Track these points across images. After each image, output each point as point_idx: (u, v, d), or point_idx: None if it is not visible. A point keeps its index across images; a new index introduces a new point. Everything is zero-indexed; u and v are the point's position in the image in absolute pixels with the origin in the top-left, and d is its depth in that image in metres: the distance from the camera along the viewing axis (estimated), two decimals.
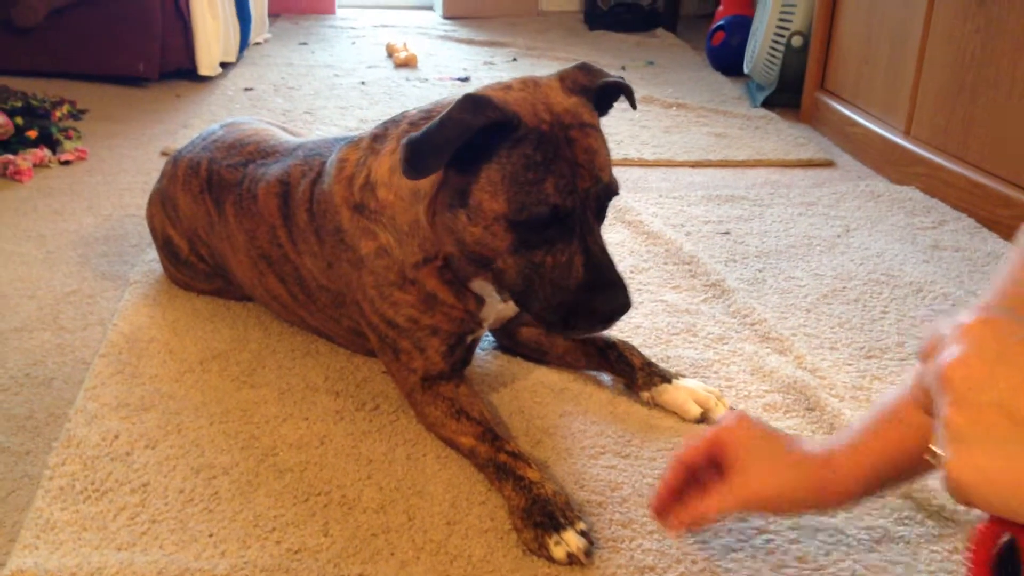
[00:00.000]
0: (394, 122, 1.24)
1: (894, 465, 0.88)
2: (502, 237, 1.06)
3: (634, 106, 1.23)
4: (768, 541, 1.05)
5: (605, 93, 1.15)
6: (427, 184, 1.13)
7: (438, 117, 1.03)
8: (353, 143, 1.28)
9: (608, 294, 1.05)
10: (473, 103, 1.02)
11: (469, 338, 1.26)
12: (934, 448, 0.53)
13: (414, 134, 1.02)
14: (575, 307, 1.06)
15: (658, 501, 0.99)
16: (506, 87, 1.09)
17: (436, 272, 1.19)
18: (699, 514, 0.93)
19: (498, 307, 1.26)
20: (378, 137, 1.24)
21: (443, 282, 1.19)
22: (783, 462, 0.91)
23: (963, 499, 0.50)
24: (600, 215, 1.10)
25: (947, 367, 0.51)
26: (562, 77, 1.13)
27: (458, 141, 1.01)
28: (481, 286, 1.20)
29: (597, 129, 1.10)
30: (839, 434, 0.93)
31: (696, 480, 0.97)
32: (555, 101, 1.07)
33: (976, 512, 0.53)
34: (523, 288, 1.09)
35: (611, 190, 1.09)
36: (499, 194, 1.04)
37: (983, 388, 0.49)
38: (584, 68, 1.15)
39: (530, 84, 1.10)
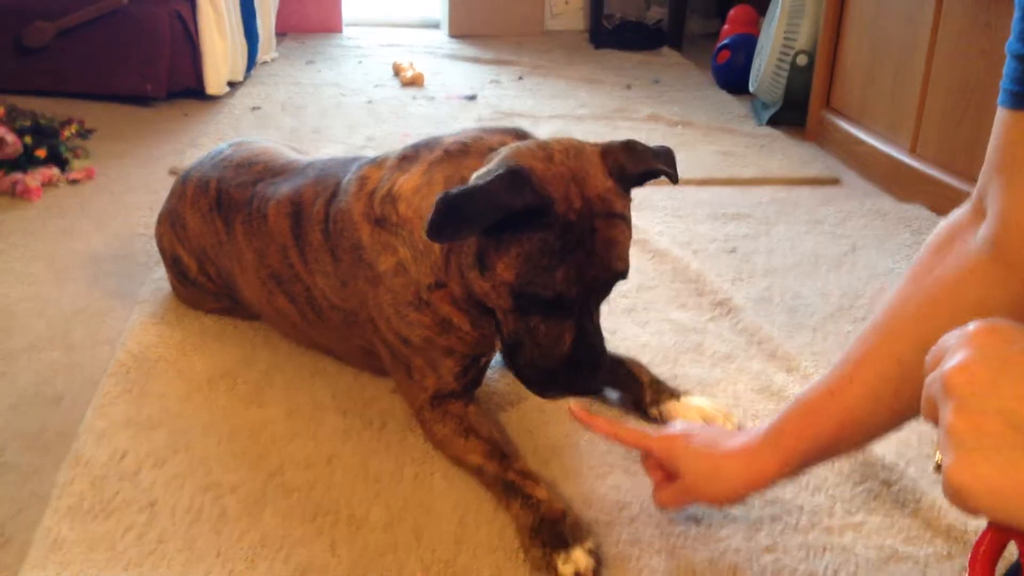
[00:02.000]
0: (427, 147, 1.23)
1: (816, 450, 0.95)
2: (505, 299, 1.09)
3: (675, 180, 1.18)
4: (776, 560, 1.05)
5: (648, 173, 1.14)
6: None
7: (475, 185, 1.02)
8: (376, 163, 1.29)
9: (586, 376, 1.09)
10: (513, 180, 1.01)
11: (483, 360, 1.27)
12: (937, 457, 0.53)
13: (450, 192, 1.01)
14: (554, 376, 1.10)
15: (575, 412, 1.14)
16: (548, 156, 1.07)
17: (449, 299, 1.19)
18: (662, 502, 1.08)
19: None
20: (407, 158, 1.24)
21: (457, 309, 1.20)
22: (718, 470, 1.01)
23: (963, 505, 0.50)
24: (604, 296, 1.12)
25: (951, 373, 0.51)
26: (605, 153, 1.10)
27: (490, 218, 1.01)
28: None
29: (624, 219, 1.09)
30: (768, 422, 0.99)
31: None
32: (591, 183, 1.06)
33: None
34: (513, 342, 1.12)
35: (621, 276, 1.10)
36: (511, 267, 1.05)
37: (987, 395, 0.49)
38: (629, 149, 1.11)
39: (572, 153, 1.08)
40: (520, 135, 1.20)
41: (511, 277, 1.06)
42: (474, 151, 1.16)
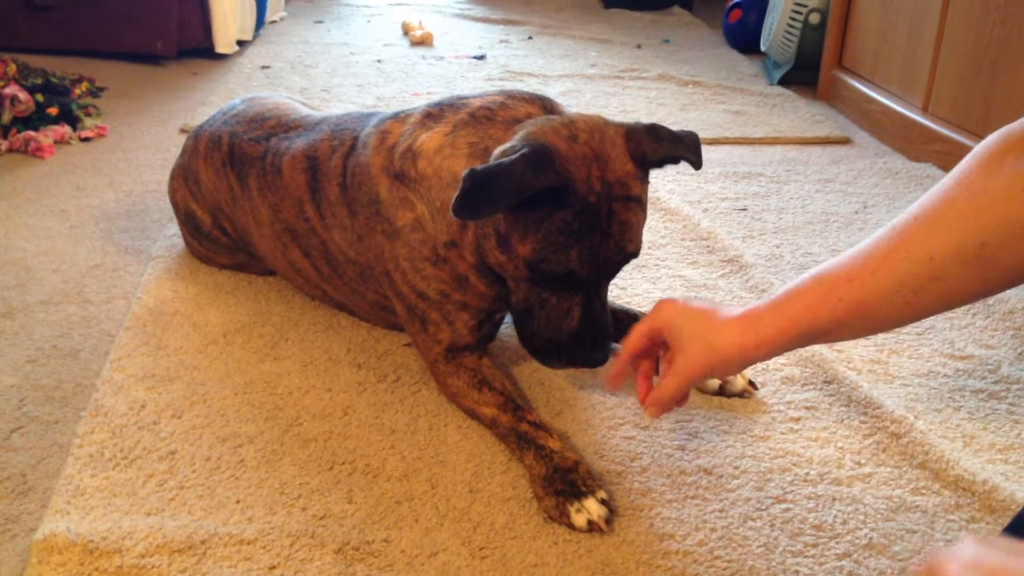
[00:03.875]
0: (452, 106, 1.23)
1: (817, 328, 0.94)
2: (520, 270, 1.11)
3: (697, 167, 1.17)
4: (786, 510, 1.06)
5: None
6: None
7: (500, 164, 1.02)
8: (398, 118, 1.29)
9: (591, 350, 1.13)
10: (537, 159, 1.03)
11: (497, 315, 1.28)
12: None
13: (476, 169, 1.02)
14: (559, 347, 1.13)
15: (610, 384, 1.13)
16: (572, 135, 1.08)
17: (465, 257, 1.20)
18: (660, 398, 1.04)
19: None
20: (432, 115, 1.24)
21: (473, 267, 1.21)
22: (714, 334, 0.98)
23: None
24: (614, 274, 1.15)
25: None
26: (629, 135, 1.11)
27: (515, 198, 1.02)
28: None
29: (640, 203, 1.11)
30: (768, 296, 0.98)
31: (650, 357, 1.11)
32: (612, 166, 1.08)
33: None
34: (522, 311, 1.15)
35: (632, 257, 1.13)
36: (528, 242, 1.08)
37: None
38: (653, 133, 1.12)
39: (596, 133, 1.09)
40: (547, 106, 1.20)
41: (527, 252, 1.08)
42: (500, 119, 1.17)
